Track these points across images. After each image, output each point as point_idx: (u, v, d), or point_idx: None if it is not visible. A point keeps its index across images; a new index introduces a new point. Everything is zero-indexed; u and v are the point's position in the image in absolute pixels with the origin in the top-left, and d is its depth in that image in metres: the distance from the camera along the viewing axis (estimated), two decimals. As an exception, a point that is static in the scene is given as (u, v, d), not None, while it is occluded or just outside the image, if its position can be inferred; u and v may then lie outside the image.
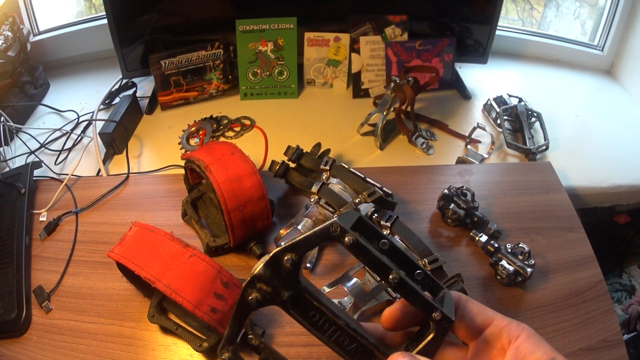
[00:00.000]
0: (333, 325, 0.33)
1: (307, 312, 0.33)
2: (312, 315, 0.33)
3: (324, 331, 0.34)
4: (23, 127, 1.05)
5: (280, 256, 0.32)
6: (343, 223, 0.32)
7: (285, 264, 0.32)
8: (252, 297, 0.32)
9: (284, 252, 0.32)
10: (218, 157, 0.71)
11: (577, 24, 1.34)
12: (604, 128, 1.09)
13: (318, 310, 0.33)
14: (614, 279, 1.18)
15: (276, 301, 0.32)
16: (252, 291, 0.32)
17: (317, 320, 0.33)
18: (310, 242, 0.32)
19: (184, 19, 1.13)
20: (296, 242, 0.32)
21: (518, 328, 0.35)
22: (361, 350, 0.34)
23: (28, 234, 0.78)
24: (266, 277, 0.32)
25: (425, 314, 0.34)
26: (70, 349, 0.64)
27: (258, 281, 0.32)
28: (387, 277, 0.33)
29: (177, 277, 0.57)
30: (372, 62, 1.13)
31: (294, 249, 0.32)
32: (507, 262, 0.69)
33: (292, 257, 0.32)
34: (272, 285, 0.32)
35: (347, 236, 0.32)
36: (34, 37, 1.20)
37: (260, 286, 0.32)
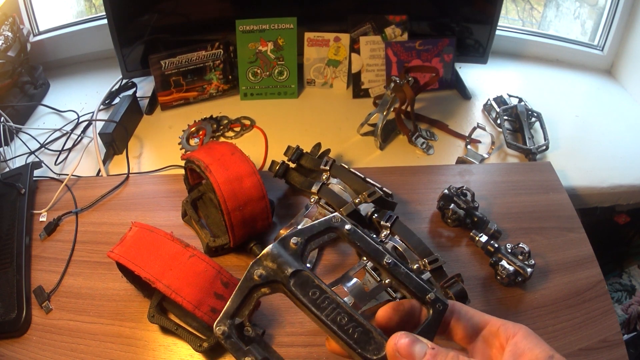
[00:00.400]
0: (332, 303, 0.34)
1: (308, 289, 0.35)
2: (312, 293, 0.35)
3: (322, 309, 0.34)
4: (23, 127, 1.05)
5: (288, 238, 0.35)
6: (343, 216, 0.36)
7: (292, 245, 0.35)
8: (258, 272, 0.34)
9: (291, 235, 0.35)
10: (218, 157, 0.71)
11: (577, 23, 1.34)
12: (604, 128, 1.09)
13: (318, 288, 0.35)
14: (614, 279, 1.18)
15: (279, 277, 0.34)
16: (258, 268, 0.34)
17: (316, 298, 0.34)
18: (314, 229, 0.35)
19: (184, 19, 1.13)
20: (301, 228, 0.35)
21: (515, 327, 0.35)
22: (359, 330, 0.34)
23: (28, 234, 0.78)
24: (274, 254, 0.35)
25: (420, 297, 0.35)
26: (70, 349, 0.64)
27: (265, 259, 0.35)
28: (382, 261, 0.35)
29: (177, 277, 0.57)
30: (372, 62, 1.13)
31: (299, 234, 0.35)
32: (507, 262, 0.69)
33: (298, 239, 0.35)
34: (277, 262, 0.34)
35: (347, 224, 0.35)
36: (34, 37, 1.20)
37: (267, 263, 0.34)
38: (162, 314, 0.66)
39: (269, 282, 0.34)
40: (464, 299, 0.59)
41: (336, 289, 0.64)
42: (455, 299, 0.58)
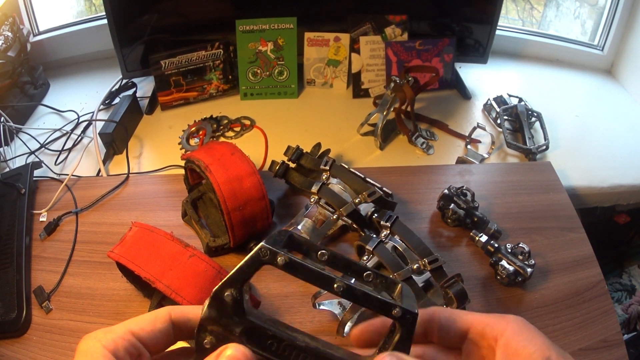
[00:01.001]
0: (294, 349, 0.32)
1: (264, 342, 0.32)
2: (270, 345, 0.32)
3: (286, 357, 0.32)
4: (23, 127, 1.05)
5: (219, 294, 0.31)
6: (271, 245, 0.31)
7: (227, 300, 0.31)
8: (207, 341, 0.32)
9: (222, 289, 0.31)
10: (218, 157, 0.71)
11: (577, 23, 1.34)
12: (604, 128, 1.09)
13: (273, 338, 0.32)
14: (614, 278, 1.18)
15: (230, 339, 0.32)
16: (205, 335, 0.32)
17: (276, 349, 0.32)
18: (243, 273, 0.32)
19: (184, 19, 1.13)
20: (230, 276, 0.32)
21: (501, 322, 0.32)
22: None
23: (28, 234, 0.78)
24: (213, 317, 0.32)
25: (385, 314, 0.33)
26: (70, 349, 0.64)
27: (207, 324, 0.32)
28: (332, 287, 0.32)
29: (177, 277, 0.57)
30: (372, 62, 1.13)
31: (230, 283, 0.32)
32: (507, 262, 0.69)
33: (231, 292, 0.31)
34: (221, 324, 0.32)
35: (279, 257, 0.31)
36: (34, 37, 1.20)
37: (212, 328, 0.32)
38: (162, 314, 0.66)
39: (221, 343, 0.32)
40: (464, 299, 0.59)
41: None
42: (455, 299, 0.58)
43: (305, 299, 0.68)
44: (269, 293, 0.70)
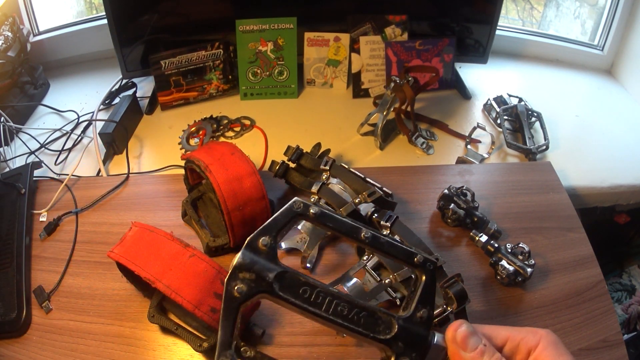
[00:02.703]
0: (328, 296, 0.32)
1: (297, 288, 0.32)
2: (304, 292, 0.32)
3: (319, 305, 0.32)
4: (23, 127, 1.05)
5: (255, 241, 0.32)
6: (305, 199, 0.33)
7: (261, 247, 0.32)
8: (238, 287, 0.31)
9: (257, 236, 0.32)
10: (218, 157, 0.71)
11: (577, 23, 1.34)
12: (604, 128, 1.09)
13: (307, 285, 0.32)
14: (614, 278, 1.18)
15: (262, 286, 0.31)
16: (236, 283, 0.31)
17: (309, 296, 0.32)
18: (278, 223, 0.33)
19: (184, 19, 1.13)
20: (266, 225, 0.32)
21: (535, 337, 0.34)
22: (364, 315, 0.32)
23: (28, 234, 0.78)
24: (246, 263, 0.31)
25: (407, 263, 0.34)
26: (70, 349, 0.64)
27: (239, 271, 0.31)
28: (360, 235, 0.33)
29: (177, 277, 0.57)
30: (372, 62, 1.13)
31: (266, 231, 0.32)
32: (507, 262, 0.69)
33: (267, 239, 0.32)
34: (254, 271, 0.31)
35: (312, 208, 0.33)
36: (34, 37, 1.20)
37: (243, 276, 0.31)
38: (162, 314, 0.66)
39: (252, 294, 0.31)
40: (464, 299, 0.59)
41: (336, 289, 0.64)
42: (455, 299, 0.58)
43: (305, 299, 0.68)
44: (269, 293, 0.70)
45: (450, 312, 0.59)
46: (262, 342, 0.64)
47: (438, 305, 0.61)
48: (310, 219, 0.32)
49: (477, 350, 0.33)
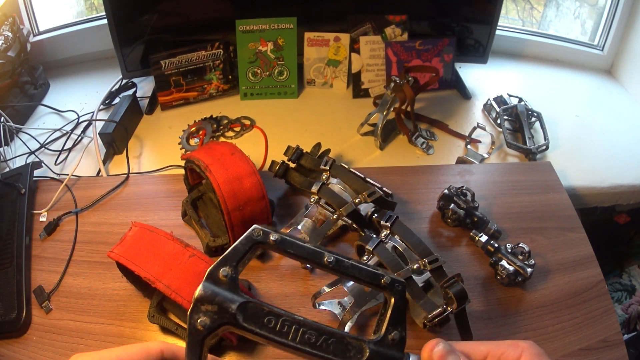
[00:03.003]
0: (294, 324, 0.32)
1: (262, 318, 0.31)
2: (268, 321, 0.31)
3: (286, 334, 0.31)
4: (23, 127, 1.05)
5: (215, 272, 0.31)
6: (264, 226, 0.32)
7: (222, 277, 0.31)
8: (201, 320, 0.30)
9: (217, 267, 0.32)
10: (218, 157, 0.71)
11: (577, 23, 1.34)
12: (604, 128, 1.09)
13: (272, 314, 0.32)
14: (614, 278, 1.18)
15: (226, 318, 0.31)
16: (199, 316, 0.31)
17: (274, 325, 0.31)
18: (238, 252, 0.32)
19: (184, 19, 1.13)
20: (225, 256, 0.32)
21: (516, 351, 0.33)
22: (333, 341, 0.32)
23: (28, 234, 0.78)
24: (207, 296, 0.31)
25: (374, 285, 0.33)
26: (70, 349, 0.64)
27: (201, 304, 0.31)
28: (323, 260, 0.33)
29: (177, 277, 0.57)
30: (372, 62, 1.13)
31: (226, 261, 0.32)
32: (507, 262, 0.69)
33: (227, 269, 0.31)
34: (216, 303, 0.31)
35: (272, 235, 0.32)
36: (34, 37, 1.20)
37: (206, 308, 0.31)
38: (162, 314, 0.66)
39: (215, 327, 0.31)
40: (464, 299, 0.59)
41: (336, 289, 0.64)
42: (455, 299, 0.58)
43: (305, 299, 0.68)
44: (269, 293, 0.70)
45: (450, 312, 0.59)
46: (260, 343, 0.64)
47: (438, 305, 0.61)
48: (270, 246, 0.32)
49: None
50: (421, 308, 0.63)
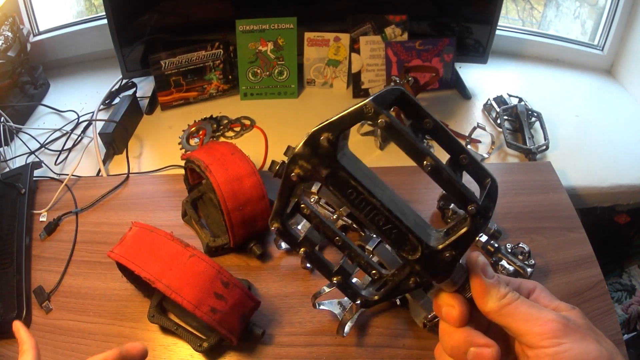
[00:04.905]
0: (369, 205, 0.34)
1: (345, 189, 0.34)
2: (350, 193, 0.34)
3: (361, 209, 0.34)
4: (23, 127, 1.05)
5: (317, 135, 0.33)
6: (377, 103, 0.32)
7: (322, 142, 0.33)
8: (295, 173, 0.34)
9: (320, 131, 0.33)
10: (218, 157, 0.71)
11: (577, 23, 1.34)
12: (604, 128, 1.09)
13: (354, 189, 0.34)
14: (614, 278, 1.18)
15: (316, 178, 0.34)
16: (295, 167, 0.34)
17: (354, 198, 0.34)
18: (344, 122, 0.33)
19: (184, 19, 1.13)
20: (331, 121, 0.33)
21: (531, 283, 0.38)
22: (395, 232, 0.35)
23: (28, 234, 0.78)
24: (305, 155, 0.33)
25: (461, 206, 0.34)
26: (71, 349, 0.64)
27: (299, 159, 0.33)
28: (422, 162, 0.34)
29: (177, 277, 0.57)
30: (372, 62, 1.13)
31: (329, 128, 0.33)
32: (507, 262, 0.69)
33: (328, 136, 0.33)
34: (311, 163, 0.33)
35: (381, 117, 0.32)
36: (34, 37, 1.20)
37: (302, 163, 0.33)
38: (162, 314, 0.66)
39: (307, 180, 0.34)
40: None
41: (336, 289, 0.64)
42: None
43: (305, 299, 0.68)
44: (269, 293, 0.70)
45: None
46: (262, 342, 0.64)
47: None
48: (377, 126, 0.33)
49: (495, 278, 0.36)
50: (421, 308, 0.63)
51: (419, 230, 0.35)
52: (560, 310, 0.36)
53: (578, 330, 0.33)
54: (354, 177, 0.34)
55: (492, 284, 0.36)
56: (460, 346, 0.36)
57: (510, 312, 0.34)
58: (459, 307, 0.36)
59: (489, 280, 0.36)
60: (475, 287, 0.36)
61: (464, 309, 0.36)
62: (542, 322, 0.33)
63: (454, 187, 0.34)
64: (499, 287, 0.35)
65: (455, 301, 0.36)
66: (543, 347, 0.32)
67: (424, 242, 0.35)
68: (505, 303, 0.35)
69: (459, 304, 0.36)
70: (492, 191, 0.35)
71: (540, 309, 0.35)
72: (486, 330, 0.38)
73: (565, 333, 0.33)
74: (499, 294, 0.35)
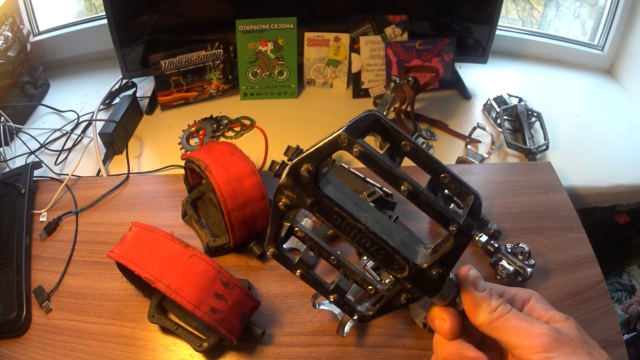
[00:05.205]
0: (354, 228, 0.36)
1: (330, 215, 0.36)
2: (335, 219, 0.36)
3: (347, 233, 0.36)
4: (23, 127, 1.05)
5: (298, 166, 0.34)
6: (351, 133, 0.33)
7: (303, 173, 0.34)
8: (282, 202, 0.36)
9: (300, 163, 0.34)
10: (218, 157, 0.71)
11: (577, 23, 1.34)
12: (604, 128, 1.09)
13: (339, 214, 0.35)
14: (614, 278, 1.17)
15: (302, 205, 0.36)
16: (281, 197, 0.36)
17: (339, 223, 0.36)
18: (321, 153, 0.34)
19: (184, 19, 1.13)
20: (309, 153, 0.34)
21: (526, 293, 0.39)
22: (382, 253, 0.36)
23: (28, 234, 0.78)
24: (289, 185, 0.35)
25: (443, 226, 0.35)
26: (70, 349, 0.64)
27: (284, 189, 0.35)
28: (399, 188, 0.34)
29: (177, 277, 0.57)
30: (372, 62, 1.13)
31: (308, 159, 0.34)
32: (507, 262, 0.69)
33: (308, 167, 0.34)
34: (295, 193, 0.35)
35: (355, 147, 0.33)
36: (34, 37, 1.20)
37: (287, 193, 0.35)
38: (162, 314, 0.66)
39: (294, 208, 0.36)
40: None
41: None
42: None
43: (305, 299, 0.68)
44: (269, 293, 0.70)
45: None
46: (262, 342, 0.64)
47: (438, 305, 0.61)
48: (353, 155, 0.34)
49: (486, 291, 0.36)
50: (421, 308, 0.63)
51: (405, 250, 0.36)
52: (554, 322, 0.36)
53: (569, 343, 0.33)
54: (337, 204, 0.35)
55: (483, 297, 0.36)
56: (451, 358, 0.36)
57: (501, 325, 0.35)
58: (450, 321, 0.36)
59: (480, 293, 0.36)
60: (466, 301, 0.36)
61: (455, 323, 0.37)
62: (532, 336, 0.33)
63: (433, 209, 0.34)
64: (489, 301, 0.36)
65: (446, 315, 0.37)
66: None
67: (411, 261, 0.36)
68: (497, 316, 0.35)
69: (450, 317, 0.37)
70: (474, 208, 0.35)
71: (531, 322, 0.35)
72: (480, 341, 0.38)
73: (556, 347, 0.33)
74: (490, 307, 0.36)
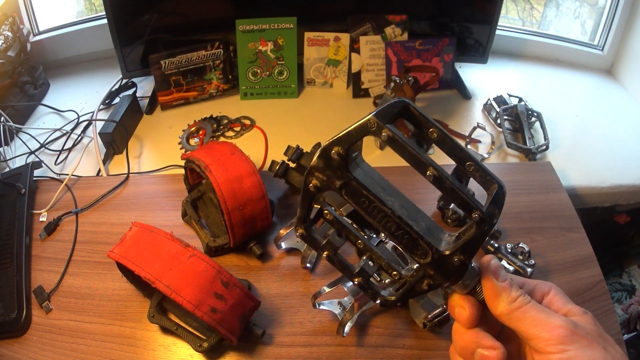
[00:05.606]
0: (380, 212, 0.36)
1: (358, 198, 0.36)
2: (362, 202, 0.36)
3: (373, 216, 0.37)
4: (23, 127, 1.05)
5: (328, 149, 0.35)
6: (380, 118, 0.35)
7: (333, 156, 0.35)
8: (312, 184, 0.37)
9: (331, 145, 0.35)
10: (218, 157, 0.71)
11: (577, 23, 1.34)
12: (604, 128, 1.09)
13: (367, 198, 0.36)
14: (614, 278, 1.18)
15: (332, 187, 0.36)
16: (312, 179, 0.36)
17: (367, 207, 0.36)
18: (350, 136, 0.35)
19: (184, 19, 1.13)
20: (339, 136, 0.35)
21: (546, 285, 0.39)
22: (407, 237, 0.36)
23: (28, 234, 0.78)
24: (320, 167, 0.36)
25: (466, 213, 0.36)
26: (70, 349, 0.64)
27: (315, 171, 0.36)
28: (425, 172, 0.35)
29: (177, 277, 0.57)
30: (372, 62, 1.13)
31: (338, 142, 0.35)
32: (507, 262, 0.69)
33: (338, 149, 0.35)
34: (326, 175, 0.36)
35: (384, 131, 0.34)
36: (34, 37, 1.20)
37: (318, 175, 0.36)
38: (162, 314, 0.66)
39: (324, 190, 0.37)
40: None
41: (336, 289, 0.64)
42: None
43: (305, 299, 0.68)
44: (269, 293, 0.70)
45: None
46: (262, 342, 0.64)
47: (438, 305, 0.61)
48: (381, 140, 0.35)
49: (506, 282, 0.36)
50: (421, 308, 0.63)
51: (429, 236, 0.36)
52: (572, 315, 0.36)
53: (585, 337, 0.33)
54: (366, 187, 0.36)
55: (504, 287, 0.36)
56: (469, 346, 0.36)
57: (520, 315, 0.35)
58: (470, 309, 0.37)
59: (501, 283, 0.36)
60: (486, 290, 0.37)
61: (475, 311, 0.37)
62: (549, 328, 0.34)
63: (458, 195, 0.35)
64: (510, 291, 0.36)
65: (466, 303, 0.37)
66: (549, 352, 0.33)
67: (434, 247, 0.36)
68: (516, 307, 0.35)
69: (469, 306, 0.37)
70: (497, 197, 0.36)
71: (549, 314, 0.35)
72: (499, 331, 0.38)
73: (572, 340, 0.33)
74: (510, 297, 0.36)
